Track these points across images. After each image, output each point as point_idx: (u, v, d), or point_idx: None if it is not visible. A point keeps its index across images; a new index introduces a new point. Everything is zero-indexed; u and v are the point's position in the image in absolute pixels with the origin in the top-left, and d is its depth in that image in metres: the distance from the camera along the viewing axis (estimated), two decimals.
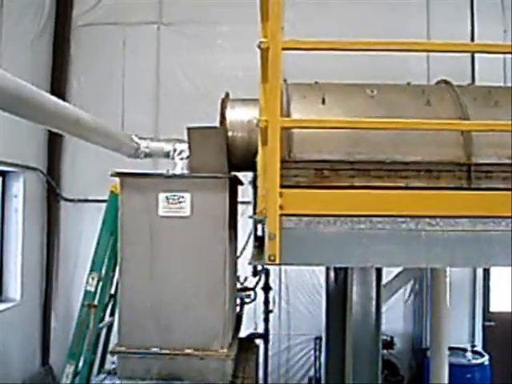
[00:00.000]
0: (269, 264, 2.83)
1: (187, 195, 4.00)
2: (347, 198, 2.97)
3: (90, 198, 8.66)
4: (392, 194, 3.03)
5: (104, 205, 6.86)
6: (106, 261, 6.47)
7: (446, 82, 4.02)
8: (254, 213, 4.18)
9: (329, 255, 2.98)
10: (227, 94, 4.54)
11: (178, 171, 4.96)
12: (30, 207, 8.35)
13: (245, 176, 4.73)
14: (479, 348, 8.62)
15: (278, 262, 2.82)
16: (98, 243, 6.50)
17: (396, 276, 4.61)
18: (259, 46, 2.81)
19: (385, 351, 7.70)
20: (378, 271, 3.89)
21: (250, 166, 4.19)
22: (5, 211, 8.18)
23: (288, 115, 3.44)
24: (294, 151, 3.39)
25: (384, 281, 4.39)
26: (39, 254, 8.82)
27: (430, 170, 3.46)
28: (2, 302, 8.00)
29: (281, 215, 2.83)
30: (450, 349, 6.08)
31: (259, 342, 6.10)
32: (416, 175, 3.44)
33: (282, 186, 2.89)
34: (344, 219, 2.93)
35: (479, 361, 8.07)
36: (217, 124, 4.39)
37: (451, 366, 5.74)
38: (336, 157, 3.40)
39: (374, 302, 4.02)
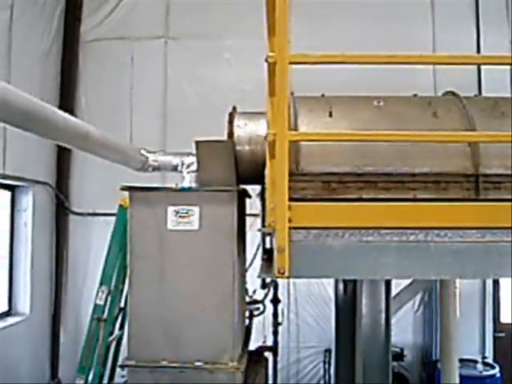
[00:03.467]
0: (278, 277, 2.84)
1: (196, 208, 4.02)
2: (355, 211, 2.98)
3: (99, 211, 8.70)
4: (400, 205, 3.04)
5: (112, 218, 6.90)
6: (115, 274, 6.49)
7: (453, 94, 4.03)
8: (263, 226, 4.19)
9: (338, 267, 2.98)
10: (234, 108, 4.57)
11: (186, 185, 4.99)
12: (39, 221, 8.40)
13: (253, 189, 4.75)
14: (490, 359, 8.56)
15: (287, 275, 2.83)
16: (107, 257, 6.52)
17: (405, 288, 4.61)
18: (266, 60, 2.83)
19: (395, 363, 7.66)
20: (387, 283, 3.89)
21: (258, 179, 4.21)
22: (14, 225, 8.22)
23: (295, 128, 3.46)
24: (302, 164, 3.40)
25: (393, 293, 4.38)
26: (48, 267, 8.85)
27: (438, 181, 3.46)
28: (11, 315, 8.02)
29: (290, 228, 2.84)
30: (461, 360, 6.05)
31: (268, 354, 6.06)
32: (424, 187, 3.44)
33: (289, 199, 2.90)
34: (352, 231, 2.93)
35: (490, 372, 8.01)
36: (224, 137, 4.42)
37: (462, 377, 5.70)
38: (344, 169, 3.41)
39: (383, 315, 4.01)
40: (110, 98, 8.97)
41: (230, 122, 4.39)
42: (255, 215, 5.23)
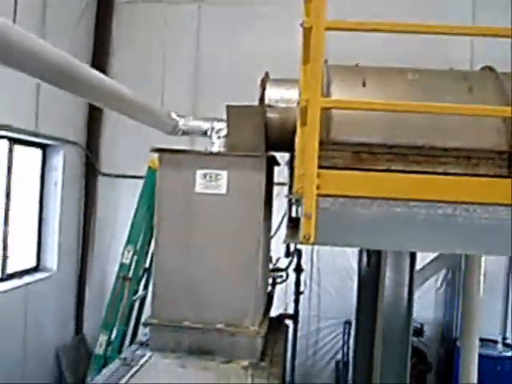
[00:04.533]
0: (303, 243, 2.85)
1: (224, 173, 4.04)
2: (384, 181, 2.97)
3: (128, 173, 8.79)
4: (430, 178, 3.01)
5: (141, 181, 6.98)
6: (141, 235, 6.59)
7: (490, 69, 3.95)
8: (290, 193, 4.20)
9: (363, 237, 2.98)
10: (267, 74, 4.54)
11: (215, 150, 5.00)
12: (68, 181, 8.53)
13: (281, 157, 4.74)
14: (510, 340, 8.52)
15: (312, 241, 2.84)
16: (134, 217, 6.61)
17: (430, 263, 4.59)
18: (302, 25, 2.80)
19: (414, 338, 7.67)
20: (412, 257, 3.88)
21: (287, 146, 4.20)
22: (44, 184, 8.36)
23: (328, 97, 3.43)
24: (333, 133, 3.38)
25: (417, 267, 4.37)
26: (76, 226, 9.02)
27: (470, 156, 3.40)
28: (39, 271, 8.22)
29: (317, 195, 2.84)
30: (481, 340, 6.03)
31: (289, 322, 6.13)
32: (455, 162, 3.39)
33: (319, 167, 2.90)
34: (380, 202, 2.93)
35: (510, 353, 7.99)
36: (255, 104, 4.40)
37: (481, 357, 5.69)
38: (374, 140, 3.37)
39: (406, 288, 4.01)
40: (142, 61, 8.98)
41: (262, 88, 4.36)
42: (282, 184, 5.24)
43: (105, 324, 6.53)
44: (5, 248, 7.26)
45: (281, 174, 5.10)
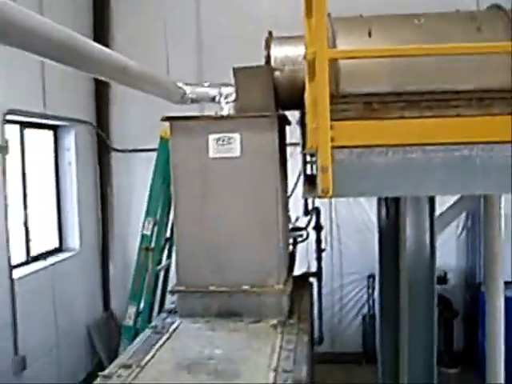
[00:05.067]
0: (322, 197, 2.86)
1: (237, 135, 4.03)
2: (399, 128, 2.95)
3: (140, 147, 8.80)
4: (444, 121, 2.99)
5: (153, 154, 7.00)
6: (160, 205, 6.63)
7: (498, 7, 3.86)
8: (304, 149, 4.18)
9: (382, 185, 2.98)
10: (270, 33, 4.49)
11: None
12: (82, 159, 8.57)
13: (292, 116, 4.72)
14: None
15: (331, 194, 2.84)
16: (151, 189, 6.65)
17: (449, 207, 4.57)
18: None
19: (438, 286, 7.71)
20: (431, 202, 3.87)
21: (297, 104, 4.18)
22: (59, 164, 8.41)
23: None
24: (342, 85, 3.35)
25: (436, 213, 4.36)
26: (94, 203, 9.09)
27: (482, 98, 3.36)
28: (62, 251, 8.33)
29: (332, 147, 2.84)
30: (505, 283, 6.03)
31: (313, 280, 6.17)
32: (467, 104, 3.35)
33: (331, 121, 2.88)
34: (396, 149, 2.92)
35: None
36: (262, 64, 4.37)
37: (507, 299, 5.70)
38: (384, 89, 3.34)
39: (427, 234, 4.01)
40: (144, 32, 8.89)
41: (267, 48, 4.33)
42: (295, 144, 5.23)
43: (132, 296, 6.63)
44: (27, 231, 7.35)
45: (293, 134, 5.08)
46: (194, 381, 3.04)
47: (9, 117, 6.57)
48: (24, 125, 7.37)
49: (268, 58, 4.32)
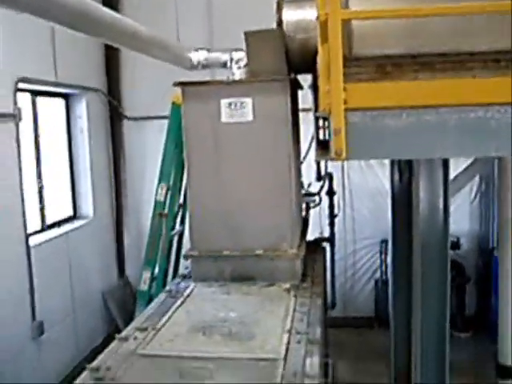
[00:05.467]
0: (335, 159, 2.85)
1: (249, 100, 4.01)
2: (413, 89, 2.91)
3: (152, 114, 8.79)
4: (459, 82, 2.95)
5: (165, 121, 6.99)
6: (173, 171, 6.65)
7: None
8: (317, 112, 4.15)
9: (395, 148, 2.96)
10: None
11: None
12: (94, 127, 8.59)
13: (304, 80, 4.68)
14: None
15: (344, 156, 2.83)
16: (163, 155, 6.66)
17: (463, 171, 4.55)
18: None
19: (451, 252, 7.72)
20: (445, 166, 3.84)
21: (309, 67, 4.14)
22: (71, 132, 8.43)
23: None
24: (355, 48, 3.30)
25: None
26: (107, 172, 9.14)
27: (498, 59, 3.31)
28: (77, 219, 8.41)
29: (345, 110, 2.81)
30: None
31: (326, 245, 6.20)
32: (483, 66, 3.29)
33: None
34: (410, 111, 2.88)
35: None
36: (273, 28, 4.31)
37: None
38: (398, 51, 3.28)
39: (441, 198, 3.99)
40: None
41: (279, 11, 4.26)
42: (307, 110, 5.19)
43: (147, 261, 6.70)
44: (41, 200, 7.41)
45: (305, 100, 5.05)
46: (209, 342, 3.08)
47: (20, 85, 6.58)
48: (36, 93, 7.37)
49: (280, 21, 4.26)
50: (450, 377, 4.51)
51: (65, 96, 8.30)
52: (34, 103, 7.33)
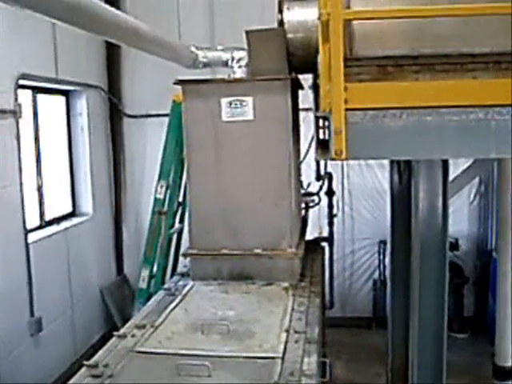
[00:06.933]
0: (335, 159, 2.85)
1: (249, 99, 4.02)
2: (413, 90, 2.92)
3: (152, 112, 8.79)
4: (459, 83, 2.95)
5: (165, 119, 6.99)
6: (172, 169, 6.65)
7: None
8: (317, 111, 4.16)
9: (395, 148, 2.96)
10: None
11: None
12: (94, 124, 8.58)
13: (304, 80, 4.68)
14: None
15: (344, 156, 2.84)
16: (163, 152, 6.66)
17: (462, 172, 4.55)
18: None
19: (450, 253, 7.73)
20: (445, 166, 3.84)
21: (310, 67, 4.14)
22: (71, 129, 8.43)
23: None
24: (356, 48, 3.30)
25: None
26: (106, 169, 9.13)
27: (500, 61, 3.31)
28: (76, 216, 8.41)
29: (346, 109, 2.82)
30: None
31: (324, 245, 6.21)
32: (484, 68, 3.29)
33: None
34: (410, 111, 2.89)
35: None
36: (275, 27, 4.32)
37: None
38: (399, 52, 3.29)
39: (440, 199, 3.99)
40: None
41: (280, 10, 4.27)
42: (308, 109, 5.20)
43: (145, 259, 6.70)
44: (40, 196, 7.41)
45: (305, 99, 5.05)
46: (207, 341, 3.09)
47: (21, 82, 6.58)
48: (36, 90, 7.37)
49: (281, 20, 4.27)
50: (446, 378, 4.50)
51: (65, 93, 8.29)
52: (34, 100, 7.33)
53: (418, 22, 3.20)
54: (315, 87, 4.37)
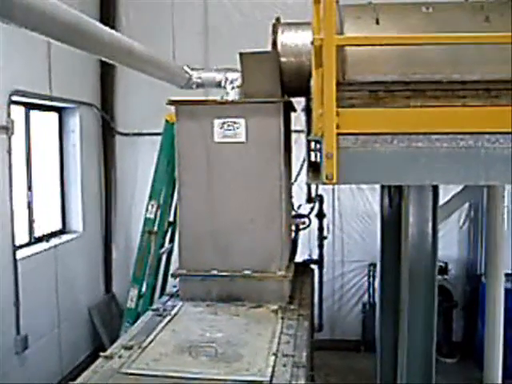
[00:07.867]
0: (326, 183, 2.87)
1: (242, 121, 4.04)
2: (404, 116, 2.95)
3: (144, 131, 8.80)
4: (450, 110, 2.99)
5: (158, 138, 6.98)
6: (164, 189, 6.63)
7: None
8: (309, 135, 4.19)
9: (386, 173, 2.99)
10: (278, 19, 4.48)
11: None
12: (86, 142, 8.57)
13: (297, 102, 4.71)
14: None
15: (335, 180, 2.86)
16: (155, 171, 6.64)
17: (452, 197, 4.59)
18: None
19: (439, 277, 7.74)
20: (435, 192, 3.87)
21: (303, 91, 4.17)
22: (63, 146, 8.42)
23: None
24: (348, 73, 3.35)
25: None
26: (98, 187, 9.10)
27: (489, 88, 3.36)
28: (65, 233, 8.36)
29: (338, 134, 2.84)
30: (506, 275, 6.05)
31: (314, 267, 6.20)
32: (474, 94, 3.34)
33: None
34: (401, 137, 2.92)
35: None
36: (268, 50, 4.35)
37: (507, 291, 5.73)
38: (391, 77, 3.34)
39: (430, 224, 4.02)
40: (150, 16, 8.84)
41: (274, 33, 4.32)
42: (300, 131, 5.23)
43: (134, 278, 6.65)
44: (30, 212, 7.37)
45: (297, 121, 5.08)
46: (195, 363, 3.06)
47: (14, 98, 6.58)
48: (29, 106, 7.37)
49: (275, 43, 4.31)
50: None
51: (58, 110, 8.30)
52: (27, 116, 7.32)
53: (409, 49, 3.25)
54: (308, 110, 4.41)
